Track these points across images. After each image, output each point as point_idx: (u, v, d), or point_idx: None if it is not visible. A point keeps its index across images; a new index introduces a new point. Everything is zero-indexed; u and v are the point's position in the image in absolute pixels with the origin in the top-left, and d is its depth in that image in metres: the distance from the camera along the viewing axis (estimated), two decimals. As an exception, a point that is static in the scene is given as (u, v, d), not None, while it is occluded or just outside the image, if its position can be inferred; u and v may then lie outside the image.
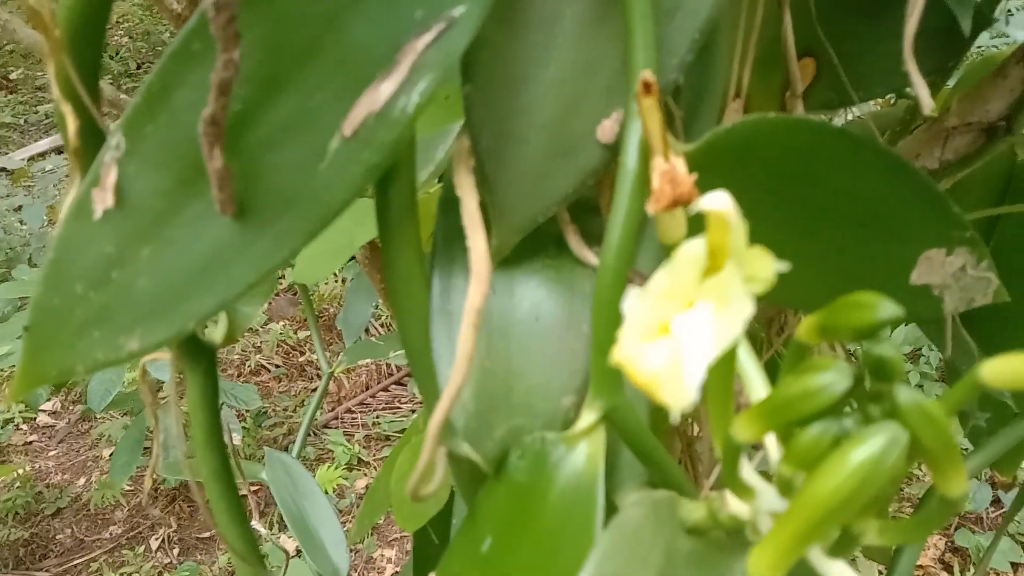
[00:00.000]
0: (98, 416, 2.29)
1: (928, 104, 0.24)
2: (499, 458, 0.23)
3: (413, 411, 2.32)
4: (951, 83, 0.51)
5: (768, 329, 0.39)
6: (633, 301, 0.14)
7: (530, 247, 0.24)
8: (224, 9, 0.18)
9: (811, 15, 0.32)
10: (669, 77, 0.22)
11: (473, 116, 0.23)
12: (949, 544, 1.91)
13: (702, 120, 0.25)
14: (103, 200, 0.21)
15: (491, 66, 0.22)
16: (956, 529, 1.97)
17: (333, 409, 2.33)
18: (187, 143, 0.21)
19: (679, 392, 0.13)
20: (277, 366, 2.48)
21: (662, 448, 0.22)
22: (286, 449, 1.78)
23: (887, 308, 0.15)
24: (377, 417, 2.32)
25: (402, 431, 2.21)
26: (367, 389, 2.43)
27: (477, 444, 0.22)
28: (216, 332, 0.33)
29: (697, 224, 0.16)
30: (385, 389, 2.45)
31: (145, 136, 0.21)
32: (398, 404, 2.39)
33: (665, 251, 0.18)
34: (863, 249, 0.27)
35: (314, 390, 2.36)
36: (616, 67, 0.22)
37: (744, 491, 0.18)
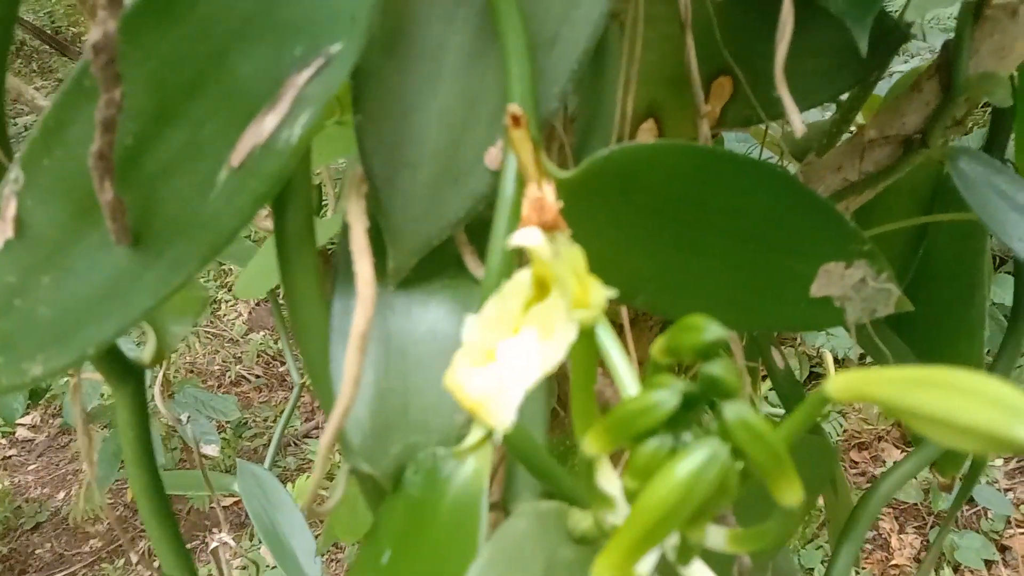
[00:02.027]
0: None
1: (799, 128, 0.25)
2: (396, 474, 0.24)
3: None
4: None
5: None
6: (468, 328, 0.15)
7: (430, 268, 0.25)
8: (103, 51, 0.19)
9: (716, 35, 0.33)
10: (551, 106, 0.23)
11: (365, 144, 0.24)
12: (924, 543, 1.93)
13: (593, 145, 0.26)
14: (3, 232, 0.22)
15: (380, 96, 0.23)
16: (931, 528, 1.99)
17: (313, 418, 2.33)
18: (82, 176, 0.22)
19: (500, 415, 0.14)
20: (257, 376, 2.48)
21: (552, 460, 0.23)
22: (265, 460, 1.78)
23: (712, 330, 0.16)
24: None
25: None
26: (347, 398, 2.43)
27: (374, 461, 0.23)
28: (144, 352, 0.33)
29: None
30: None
31: (42, 170, 0.22)
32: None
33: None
34: (759, 264, 0.28)
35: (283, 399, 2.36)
36: (500, 96, 0.23)
37: (602, 501, 0.19)
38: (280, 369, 2.51)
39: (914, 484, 2.08)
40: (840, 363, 2.17)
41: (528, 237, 0.14)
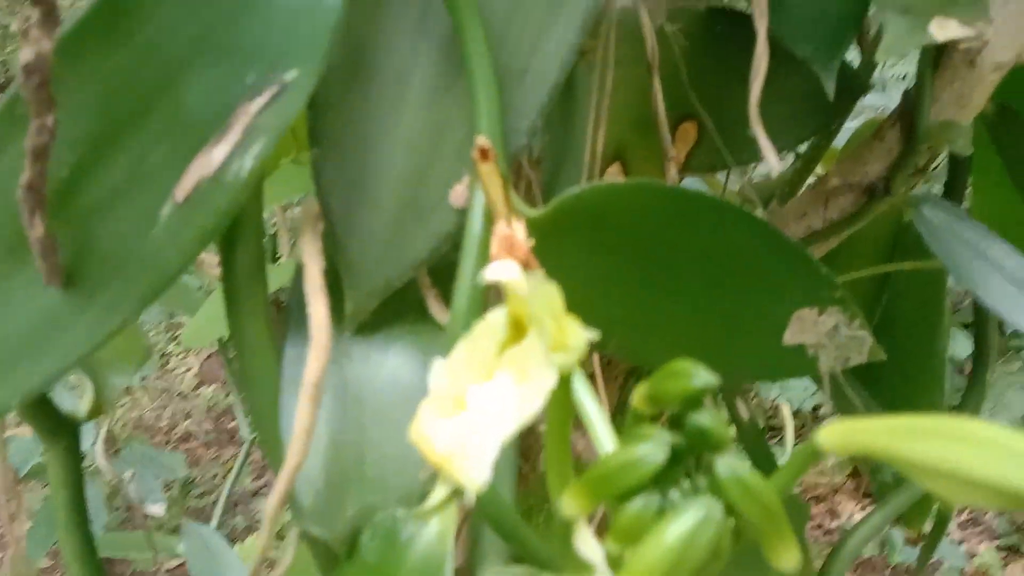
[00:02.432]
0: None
1: (775, 165, 0.24)
2: (351, 538, 0.22)
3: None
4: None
5: (632, 379, 0.39)
6: (436, 373, 0.13)
7: (390, 313, 0.24)
8: (35, 73, 0.17)
9: (684, 81, 0.32)
10: (520, 141, 0.22)
11: (323, 179, 0.22)
12: (884, 595, 1.92)
13: (563, 184, 0.25)
14: (-80, 270, 0.20)
15: (339, 128, 0.22)
16: (891, 582, 1.98)
17: (263, 476, 2.26)
18: (11, 211, 0.20)
19: (472, 472, 0.12)
20: (207, 432, 2.40)
21: (521, 521, 0.21)
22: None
23: (701, 376, 0.15)
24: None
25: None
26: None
27: (327, 524, 0.21)
28: (81, 405, 0.31)
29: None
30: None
31: (-35, 204, 0.20)
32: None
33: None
34: (732, 309, 0.27)
35: (228, 460, 2.29)
36: (466, 130, 0.22)
37: (581, 568, 0.17)
38: (230, 424, 2.43)
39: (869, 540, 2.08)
40: (795, 415, 2.18)
41: (504, 271, 0.13)
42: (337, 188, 0.22)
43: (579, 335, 0.14)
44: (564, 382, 0.16)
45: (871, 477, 0.59)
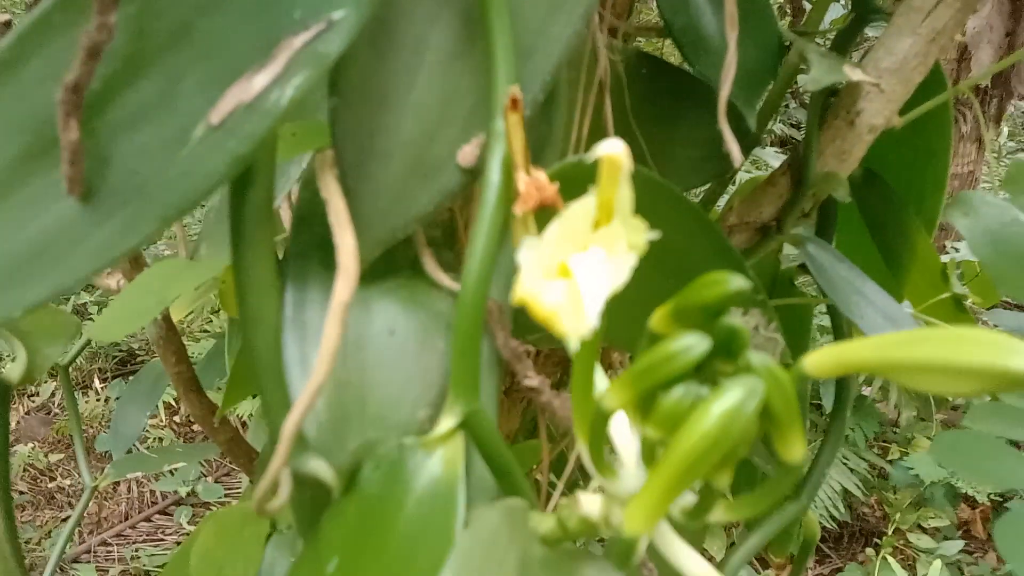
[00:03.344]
0: None
1: (737, 157, 0.28)
2: (349, 473, 0.22)
3: (178, 543, 2.10)
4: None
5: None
6: (528, 248, 0.15)
7: (386, 267, 0.25)
8: (105, -28, 0.18)
9: (627, 110, 0.36)
10: (526, 110, 0.24)
11: (338, 129, 0.23)
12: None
13: (547, 159, 0.27)
14: (-71, 168, 0.19)
15: (358, 83, 0.23)
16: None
17: (85, 540, 2.07)
18: (34, 117, 0.20)
19: (579, 323, 0.14)
20: (22, 492, 2.18)
21: (513, 458, 0.23)
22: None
23: (737, 281, 0.17)
24: (136, 550, 2.08)
25: (164, 566, 1.99)
26: (126, 519, 2.19)
27: (330, 455, 0.22)
28: (14, 370, 0.29)
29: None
30: (147, 519, 2.21)
31: (-14, 106, 0.20)
32: (162, 536, 2.17)
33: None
34: (670, 296, 0.30)
35: (64, 519, 2.09)
36: (476, 98, 0.24)
37: (607, 470, 0.19)
38: (50, 485, 2.22)
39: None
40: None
41: (614, 147, 0.14)
42: (351, 140, 0.23)
43: (643, 233, 0.16)
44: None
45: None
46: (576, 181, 0.24)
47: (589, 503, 0.21)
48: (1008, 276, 0.38)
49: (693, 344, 0.17)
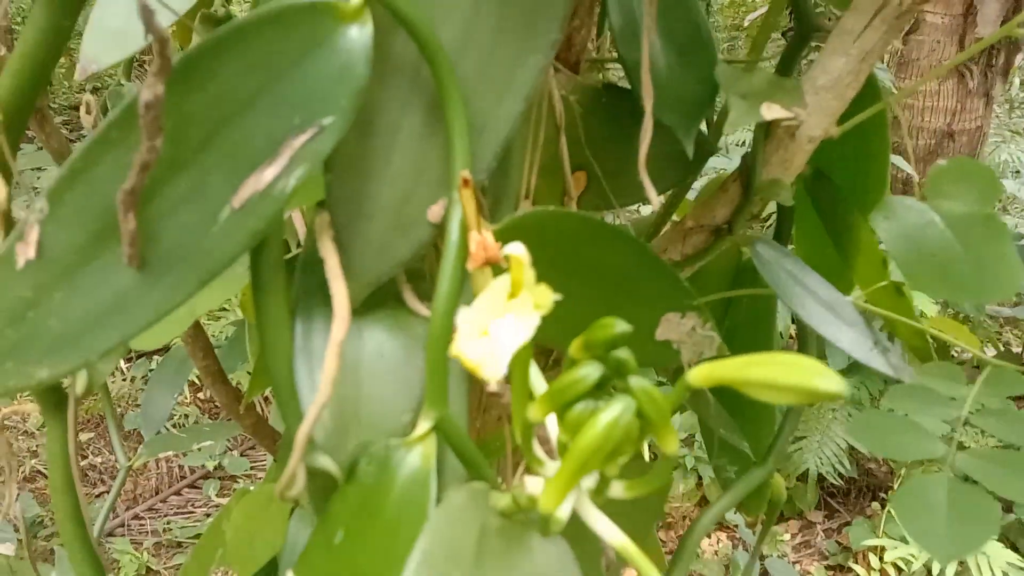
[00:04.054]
0: None
1: (656, 201, 0.34)
2: (350, 466, 0.29)
3: (208, 515, 2.21)
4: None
5: (545, 359, 0.48)
6: (463, 316, 0.21)
7: (374, 301, 0.31)
8: (151, 108, 0.24)
9: (581, 139, 0.42)
10: (479, 177, 0.30)
11: (332, 197, 0.30)
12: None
13: (503, 209, 0.34)
14: (25, 252, 0.26)
15: (346, 161, 0.30)
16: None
17: (119, 515, 2.18)
18: (100, 209, 0.26)
19: (494, 371, 0.20)
20: (54, 472, 2.28)
21: (477, 451, 0.29)
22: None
23: (621, 326, 0.23)
24: (168, 523, 2.19)
25: (196, 536, 2.10)
26: (157, 493, 2.29)
27: (334, 454, 0.28)
28: (77, 384, 0.36)
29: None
30: (177, 493, 2.32)
31: (65, 203, 0.26)
32: (192, 508, 2.27)
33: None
34: (619, 310, 0.36)
35: (98, 495, 2.20)
36: (442, 168, 0.30)
37: (535, 461, 0.25)
38: (82, 464, 2.33)
39: (716, 560, 2.24)
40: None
41: (516, 249, 0.21)
42: (342, 206, 0.30)
43: (548, 296, 0.22)
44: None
45: (716, 474, 0.70)
46: (519, 232, 0.30)
47: (534, 485, 0.27)
48: (918, 274, 0.44)
49: (589, 373, 0.23)
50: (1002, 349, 2.70)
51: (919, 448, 0.41)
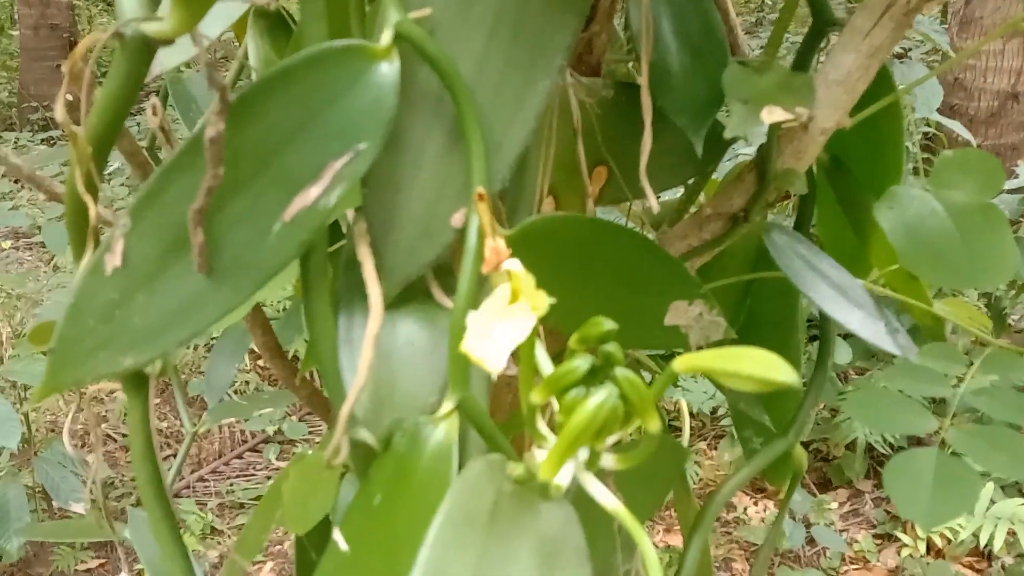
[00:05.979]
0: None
1: (655, 206, 0.37)
2: (386, 439, 0.34)
3: (269, 477, 2.32)
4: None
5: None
6: (471, 318, 0.26)
7: (406, 295, 0.36)
8: (215, 143, 0.29)
9: (598, 138, 0.45)
10: (497, 187, 0.34)
11: (367, 208, 0.34)
12: (770, 579, 2.11)
13: (520, 213, 0.38)
14: (112, 261, 0.31)
15: (379, 177, 0.34)
16: (778, 567, 2.18)
17: (184, 477, 2.30)
18: (173, 225, 0.31)
19: (496, 364, 0.25)
20: (124, 435, 2.42)
21: (495, 427, 0.34)
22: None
23: (608, 324, 0.28)
24: (231, 485, 2.30)
25: (258, 498, 2.21)
26: (220, 457, 2.41)
27: (372, 428, 0.33)
28: (155, 368, 0.42)
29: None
30: (239, 456, 2.43)
31: (144, 219, 0.31)
32: (253, 471, 2.38)
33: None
34: (629, 300, 0.41)
35: (164, 459, 2.32)
36: (462, 181, 0.34)
37: (539, 437, 0.30)
38: (151, 428, 2.46)
39: (762, 528, 2.28)
40: (694, 416, 2.37)
41: (514, 264, 0.25)
42: (377, 215, 0.34)
43: (545, 300, 0.27)
44: (532, 333, 0.28)
45: (742, 445, 0.74)
46: (533, 236, 0.34)
47: (542, 456, 0.32)
48: (919, 262, 0.47)
49: (580, 364, 0.27)
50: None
51: (912, 423, 0.44)
